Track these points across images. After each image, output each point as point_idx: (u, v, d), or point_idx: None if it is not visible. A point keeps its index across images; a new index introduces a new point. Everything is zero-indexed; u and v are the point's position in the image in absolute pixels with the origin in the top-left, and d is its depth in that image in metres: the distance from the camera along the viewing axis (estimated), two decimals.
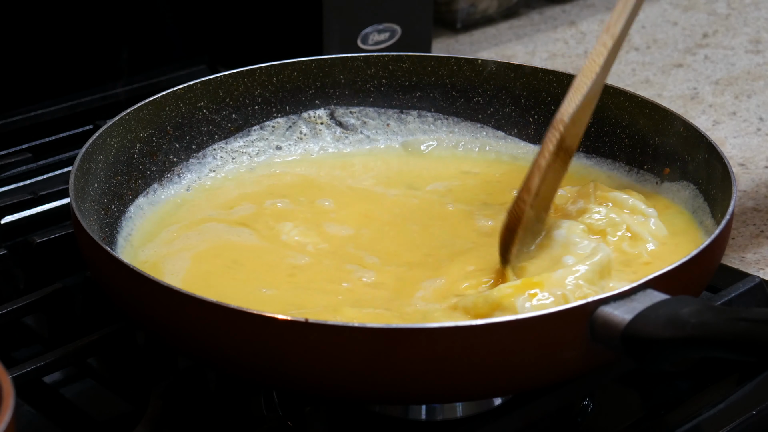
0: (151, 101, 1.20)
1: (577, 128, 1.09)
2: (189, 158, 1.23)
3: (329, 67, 1.27)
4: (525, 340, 0.88)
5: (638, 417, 1.04)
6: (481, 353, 0.88)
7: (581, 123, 1.09)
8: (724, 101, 1.60)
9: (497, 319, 0.89)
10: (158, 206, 1.18)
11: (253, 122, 1.26)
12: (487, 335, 0.87)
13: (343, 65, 1.28)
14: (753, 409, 1.02)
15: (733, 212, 1.02)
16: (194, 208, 1.19)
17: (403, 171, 1.26)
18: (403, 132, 1.29)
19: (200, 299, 0.91)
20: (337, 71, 1.28)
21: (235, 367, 0.94)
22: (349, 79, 1.28)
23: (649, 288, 0.91)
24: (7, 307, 1.09)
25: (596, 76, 1.08)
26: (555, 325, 0.88)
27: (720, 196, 1.09)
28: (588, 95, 1.08)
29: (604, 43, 1.09)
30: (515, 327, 0.88)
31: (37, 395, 1.06)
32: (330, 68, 1.28)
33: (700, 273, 0.98)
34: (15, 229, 1.24)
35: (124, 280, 0.97)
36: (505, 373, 0.90)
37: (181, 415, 1.01)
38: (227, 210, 1.18)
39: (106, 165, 1.15)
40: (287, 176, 1.25)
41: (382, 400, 0.98)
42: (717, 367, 1.09)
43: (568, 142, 1.08)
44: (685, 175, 1.16)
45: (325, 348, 0.88)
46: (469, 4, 1.77)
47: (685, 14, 1.88)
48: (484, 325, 0.87)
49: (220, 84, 1.23)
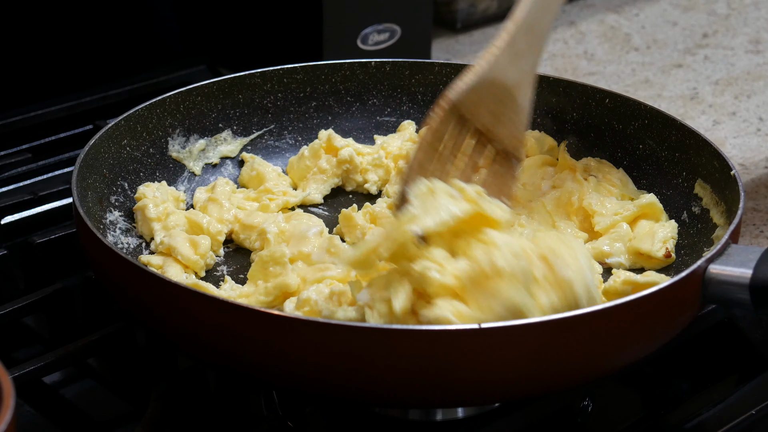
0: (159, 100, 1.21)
1: (483, 112, 1.05)
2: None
3: (229, 88, 1.27)
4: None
5: (638, 417, 1.04)
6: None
7: (489, 110, 1.06)
8: (723, 101, 1.60)
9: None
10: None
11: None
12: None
13: (241, 84, 1.28)
14: (752, 409, 1.02)
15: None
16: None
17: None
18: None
19: (205, 295, 0.91)
20: (236, 91, 1.28)
21: (236, 365, 0.94)
22: (247, 97, 1.28)
23: (732, 243, 0.99)
24: (8, 307, 1.09)
25: (495, 58, 1.04)
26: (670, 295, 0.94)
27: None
28: (485, 77, 1.04)
29: (506, 27, 1.06)
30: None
31: (37, 395, 1.06)
32: (230, 88, 1.27)
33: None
34: (15, 230, 1.24)
35: (127, 278, 0.97)
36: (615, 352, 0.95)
37: (181, 415, 1.01)
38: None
39: (108, 165, 1.15)
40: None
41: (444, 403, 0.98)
42: (717, 367, 1.09)
43: (480, 128, 1.06)
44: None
45: (328, 346, 0.89)
46: (469, 4, 1.77)
47: (685, 14, 1.88)
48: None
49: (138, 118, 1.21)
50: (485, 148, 1.07)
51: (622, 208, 1.16)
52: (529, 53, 1.06)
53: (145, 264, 1.10)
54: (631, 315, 0.92)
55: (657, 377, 1.09)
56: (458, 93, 1.05)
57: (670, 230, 1.13)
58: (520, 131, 1.08)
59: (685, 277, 0.95)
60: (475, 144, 1.07)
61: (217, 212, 1.17)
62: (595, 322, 0.90)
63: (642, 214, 1.15)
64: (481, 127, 1.07)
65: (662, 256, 1.11)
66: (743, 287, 0.96)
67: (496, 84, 1.05)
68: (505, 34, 1.05)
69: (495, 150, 1.08)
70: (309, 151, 1.26)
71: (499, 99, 1.06)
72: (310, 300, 1.00)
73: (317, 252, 1.09)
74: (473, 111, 1.05)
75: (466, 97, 1.05)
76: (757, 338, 1.11)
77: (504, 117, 1.07)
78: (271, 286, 1.05)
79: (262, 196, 1.22)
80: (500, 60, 1.05)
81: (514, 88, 1.06)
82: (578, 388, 1.02)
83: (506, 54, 1.05)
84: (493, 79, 1.05)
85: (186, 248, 1.11)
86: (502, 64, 1.05)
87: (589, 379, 0.97)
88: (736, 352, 1.11)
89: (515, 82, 1.06)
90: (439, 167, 1.05)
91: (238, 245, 1.16)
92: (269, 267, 1.07)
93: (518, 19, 1.06)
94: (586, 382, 1.00)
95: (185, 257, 1.10)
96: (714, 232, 1.11)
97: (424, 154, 1.04)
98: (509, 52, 1.05)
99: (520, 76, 1.06)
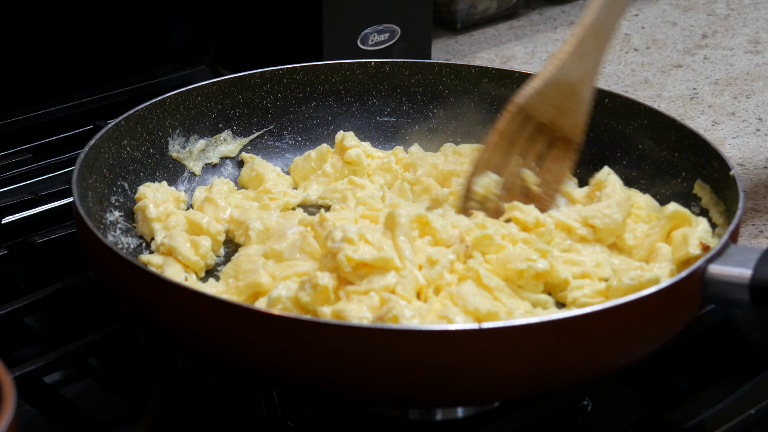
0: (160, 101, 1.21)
1: (548, 108, 1.12)
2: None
3: (229, 88, 1.27)
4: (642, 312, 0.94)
5: (638, 417, 1.04)
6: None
7: (554, 105, 1.12)
8: (723, 101, 1.60)
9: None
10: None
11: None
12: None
13: (241, 84, 1.28)
14: (752, 409, 1.02)
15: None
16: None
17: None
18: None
19: (205, 295, 0.91)
20: (236, 91, 1.28)
21: (236, 364, 0.94)
22: (247, 98, 1.28)
23: (731, 243, 0.99)
24: (8, 307, 1.09)
25: (561, 63, 1.11)
26: (670, 296, 0.94)
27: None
28: (552, 80, 1.11)
29: (574, 31, 1.11)
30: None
31: (38, 395, 1.06)
32: (230, 88, 1.27)
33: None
34: (15, 230, 1.24)
35: (127, 278, 0.97)
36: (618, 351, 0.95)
37: (181, 415, 1.01)
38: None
39: (108, 165, 1.15)
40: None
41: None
42: (716, 367, 1.09)
43: (544, 122, 1.13)
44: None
45: (328, 346, 0.89)
46: (468, 5, 1.77)
47: (684, 15, 1.88)
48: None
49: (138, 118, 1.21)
50: (546, 136, 1.14)
51: (651, 230, 1.12)
52: (595, 53, 1.12)
53: (145, 264, 1.10)
54: (631, 315, 0.92)
55: (657, 377, 1.09)
56: (526, 97, 1.12)
57: (702, 228, 1.10)
58: (581, 120, 1.15)
59: (685, 277, 0.95)
60: (537, 135, 1.14)
61: (213, 212, 1.17)
62: (595, 322, 0.91)
63: (673, 226, 1.12)
64: (544, 121, 1.14)
65: (701, 251, 1.08)
66: (743, 287, 0.96)
67: (561, 84, 1.12)
68: (573, 39, 1.11)
69: (555, 137, 1.15)
70: (315, 154, 1.26)
71: (563, 95, 1.13)
72: (281, 298, 0.99)
73: (289, 249, 1.08)
74: (538, 108, 1.13)
75: (532, 99, 1.12)
76: (756, 338, 1.11)
77: (567, 110, 1.14)
78: (243, 285, 1.05)
79: (262, 196, 1.22)
80: (567, 63, 1.11)
81: (578, 84, 1.13)
82: (578, 388, 1.02)
83: (573, 57, 1.11)
84: (559, 81, 1.12)
85: (186, 249, 1.11)
86: (568, 66, 1.11)
87: (589, 379, 0.97)
88: (735, 352, 1.11)
89: (579, 80, 1.12)
90: (503, 162, 1.14)
91: (238, 245, 1.16)
92: (241, 265, 1.07)
93: (586, 22, 1.11)
94: (586, 382, 1.00)
95: (186, 258, 1.10)
96: (714, 232, 1.11)
97: (490, 154, 1.13)
98: (576, 55, 1.11)
99: (584, 74, 1.12)
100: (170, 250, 1.11)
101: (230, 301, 0.92)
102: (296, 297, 0.97)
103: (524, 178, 1.15)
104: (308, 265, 1.05)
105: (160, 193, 1.17)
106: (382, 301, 0.96)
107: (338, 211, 1.14)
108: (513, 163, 1.14)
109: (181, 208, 1.19)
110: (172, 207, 1.17)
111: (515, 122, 1.13)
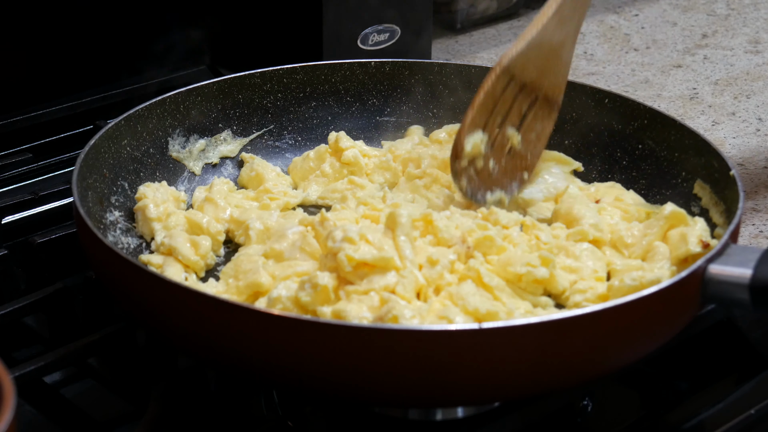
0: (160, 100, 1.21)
1: (531, 69, 1.17)
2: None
3: (229, 88, 1.27)
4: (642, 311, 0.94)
5: (638, 417, 1.04)
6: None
7: (536, 66, 1.17)
8: (723, 101, 1.60)
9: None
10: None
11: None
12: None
13: (241, 84, 1.28)
14: (751, 409, 1.02)
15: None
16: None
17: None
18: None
19: (205, 295, 0.91)
20: (236, 91, 1.28)
21: (237, 364, 0.94)
22: (247, 97, 1.28)
23: (731, 243, 0.99)
24: (8, 307, 1.09)
25: (543, 26, 1.16)
26: (671, 295, 0.94)
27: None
28: (534, 42, 1.16)
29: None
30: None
31: (38, 395, 1.06)
32: (230, 88, 1.27)
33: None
34: (15, 229, 1.24)
35: (127, 278, 0.97)
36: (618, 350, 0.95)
37: (181, 415, 1.01)
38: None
39: (108, 165, 1.15)
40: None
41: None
42: (716, 367, 1.09)
43: (527, 82, 1.17)
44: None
45: (328, 346, 0.89)
46: (468, 5, 1.77)
47: (684, 15, 1.88)
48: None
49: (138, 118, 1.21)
50: (528, 96, 1.19)
51: (648, 229, 1.12)
52: (574, 16, 1.18)
53: (145, 264, 1.10)
54: (631, 315, 0.92)
55: (656, 377, 1.09)
56: (510, 59, 1.16)
57: (699, 227, 1.10)
58: (561, 81, 1.21)
59: (685, 277, 0.95)
60: (519, 94, 1.18)
61: (213, 212, 1.17)
62: (595, 322, 0.91)
63: (670, 226, 1.11)
64: (527, 81, 1.18)
65: (701, 249, 1.07)
66: (743, 287, 0.96)
67: (543, 45, 1.17)
68: (554, 3, 1.17)
69: (537, 97, 1.19)
70: (314, 154, 1.26)
71: (545, 56, 1.18)
72: (281, 298, 0.99)
73: (289, 249, 1.08)
74: (521, 69, 1.17)
75: (516, 60, 1.16)
76: (756, 338, 1.11)
77: (548, 70, 1.19)
78: (243, 285, 1.05)
79: (262, 196, 1.22)
80: (548, 26, 1.17)
81: (559, 46, 1.18)
82: (578, 388, 1.02)
83: (553, 20, 1.17)
84: (541, 42, 1.17)
85: (187, 249, 1.11)
86: (549, 29, 1.17)
87: (589, 379, 0.97)
88: (735, 352, 1.11)
89: (560, 42, 1.18)
90: (488, 120, 1.17)
91: (238, 245, 1.17)
92: (241, 265, 1.07)
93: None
94: (586, 382, 1.00)
95: (186, 258, 1.10)
96: (713, 232, 1.11)
97: (476, 113, 1.16)
98: (556, 19, 1.17)
99: (565, 36, 1.19)
100: (170, 250, 1.11)
101: (230, 301, 0.92)
102: (296, 297, 0.98)
103: (509, 137, 1.18)
104: (308, 265, 1.05)
105: (160, 193, 1.17)
106: (382, 301, 0.96)
107: (339, 211, 1.14)
108: (498, 122, 1.18)
109: (181, 208, 1.19)
110: (172, 207, 1.17)
111: (500, 82, 1.16)
